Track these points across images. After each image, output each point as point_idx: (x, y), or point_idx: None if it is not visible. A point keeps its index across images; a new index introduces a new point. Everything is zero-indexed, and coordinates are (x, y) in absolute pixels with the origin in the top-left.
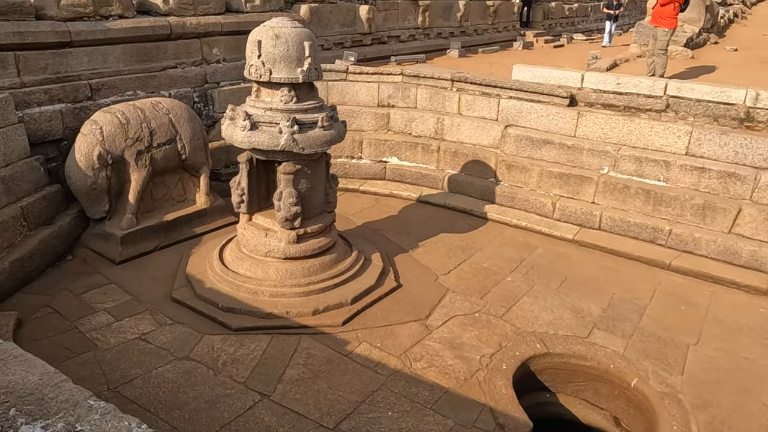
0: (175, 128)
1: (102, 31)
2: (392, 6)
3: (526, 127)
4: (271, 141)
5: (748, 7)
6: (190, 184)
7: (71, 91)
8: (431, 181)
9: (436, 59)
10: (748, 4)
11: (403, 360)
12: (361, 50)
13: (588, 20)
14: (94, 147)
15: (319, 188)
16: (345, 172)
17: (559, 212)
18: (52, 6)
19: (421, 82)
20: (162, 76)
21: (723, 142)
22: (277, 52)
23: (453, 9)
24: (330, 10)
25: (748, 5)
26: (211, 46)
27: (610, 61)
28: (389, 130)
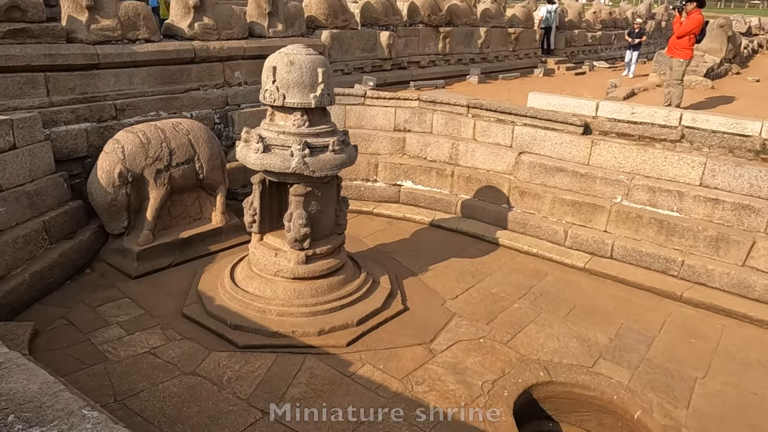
0: (194, 148)
1: (129, 54)
2: (413, 33)
3: (540, 154)
4: (283, 163)
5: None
6: (207, 202)
7: (97, 110)
8: (445, 206)
9: (455, 85)
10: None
11: (404, 383)
12: (381, 75)
13: (612, 48)
14: (115, 165)
15: (329, 210)
16: (360, 195)
17: (571, 240)
18: (82, 30)
19: (437, 108)
20: (184, 97)
21: (738, 173)
22: (291, 78)
23: (474, 36)
24: (351, 36)
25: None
26: (233, 69)
27: (627, 90)
28: (405, 154)
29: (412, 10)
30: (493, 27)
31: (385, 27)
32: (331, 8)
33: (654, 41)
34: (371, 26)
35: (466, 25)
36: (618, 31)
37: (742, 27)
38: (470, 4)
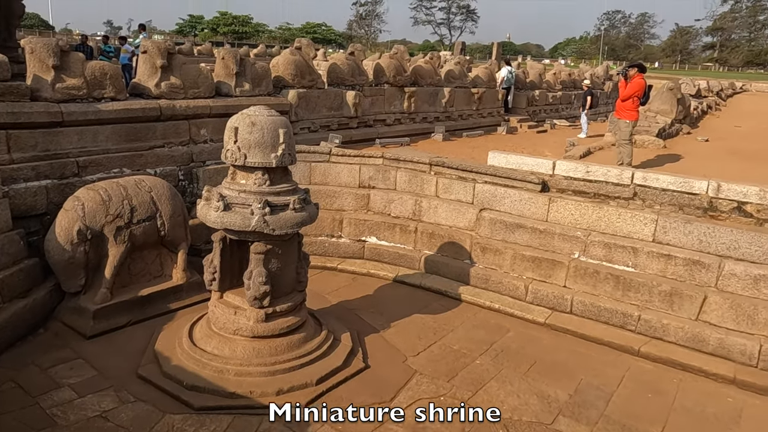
0: (156, 205)
1: (94, 112)
2: (379, 92)
3: (501, 211)
4: (243, 222)
5: (723, 99)
6: (168, 259)
7: (58, 168)
8: (408, 262)
9: (420, 142)
10: (723, 96)
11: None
12: (348, 133)
13: (571, 107)
14: (74, 222)
15: (290, 268)
16: (324, 251)
17: (532, 295)
18: (47, 88)
19: (401, 165)
20: (149, 154)
21: (687, 230)
22: (252, 138)
23: (438, 95)
24: (318, 95)
25: (723, 98)
26: (199, 127)
27: (584, 149)
28: (369, 211)
29: (378, 71)
30: (456, 87)
31: (352, 87)
32: (298, 69)
33: (612, 101)
34: (338, 86)
35: (430, 85)
36: (577, 91)
37: (691, 89)
38: (434, 66)
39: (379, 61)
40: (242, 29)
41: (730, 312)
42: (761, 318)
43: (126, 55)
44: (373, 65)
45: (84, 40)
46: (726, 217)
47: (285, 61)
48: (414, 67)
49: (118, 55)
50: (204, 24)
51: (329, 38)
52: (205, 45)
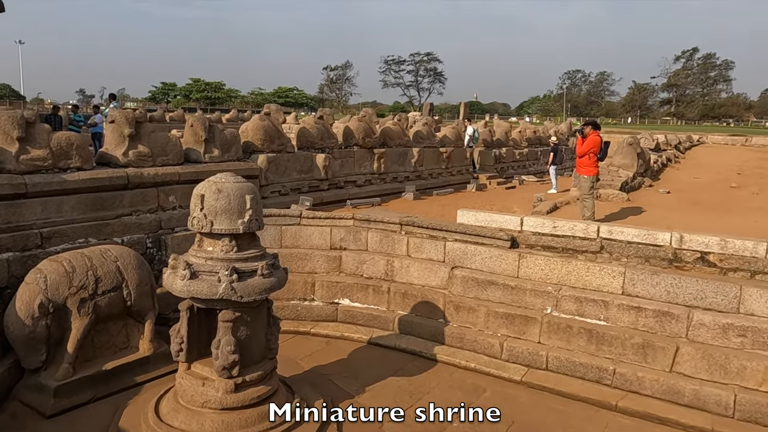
0: (122, 275)
1: (59, 182)
2: (348, 154)
3: (472, 268)
4: (210, 289)
5: (682, 152)
6: (134, 330)
7: (21, 239)
8: (382, 323)
9: (391, 202)
10: (681, 149)
11: None
12: (318, 195)
13: (539, 163)
14: (36, 296)
15: (259, 335)
16: (297, 315)
17: (507, 353)
18: (11, 160)
19: (372, 226)
20: (116, 223)
21: (655, 282)
22: (219, 205)
23: (407, 155)
24: (288, 159)
25: (682, 150)
26: (168, 194)
27: (551, 204)
28: (341, 272)
29: (347, 134)
30: (425, 147)
31: (322, 150)
32: (267, 134)
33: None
34: (308, 149)
35: (399, 146)
36: (543, 147)
37: (650, 143)
38: (403, 127)
39: (348, 124)
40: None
41: (702, 362)
42: (733, 367)
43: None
44: (342, 128)
45: (55, 110)
46: (691, 267)
47: (254, 127)
48: (383, 129)
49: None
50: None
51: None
52: (177, 111)
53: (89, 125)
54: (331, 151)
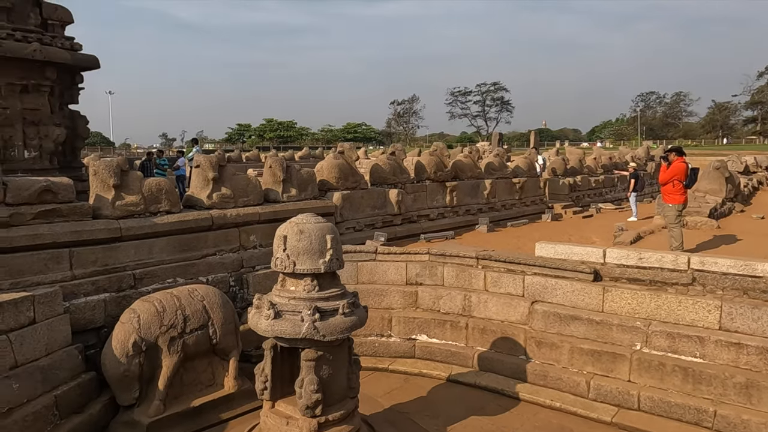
0: (208, 314)
1: (150, 226)
2: (420, 188)
3: (553, 302)
4: (293, 329)
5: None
6: (219, 367)
7: (116, 281)
8: (461, 359)
9: (465, 235)
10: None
11: None
12: (392, 230)
13: (616, 190)
14: (130, 335)
15: (341, 374)
16: (375, 351)
17: (594, 392)
18: (107, 206)
19: (447, 261)
20: (201, 263)
21: (756, 316)
22: (300, 246)
23: (480, 187)
24: (361, 196)
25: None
26: (248, 233)
27: (634, 234)
28: (418, 308)
29: (419, 169)
30: (497, 178)
31: (394, 185)
32: (342, 172)
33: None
34: (380, 185)
35: (471, 178)
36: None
37: (738, 166)
38: (474, 159)
39: (420, 159)
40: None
41: None
42: None
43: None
44: (413, 163)
45: (150, 156)
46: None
47: (329, 165)
48: (454, 162)
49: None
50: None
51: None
52: (252, 151)
53: (174, 168)
54: (403, 186)
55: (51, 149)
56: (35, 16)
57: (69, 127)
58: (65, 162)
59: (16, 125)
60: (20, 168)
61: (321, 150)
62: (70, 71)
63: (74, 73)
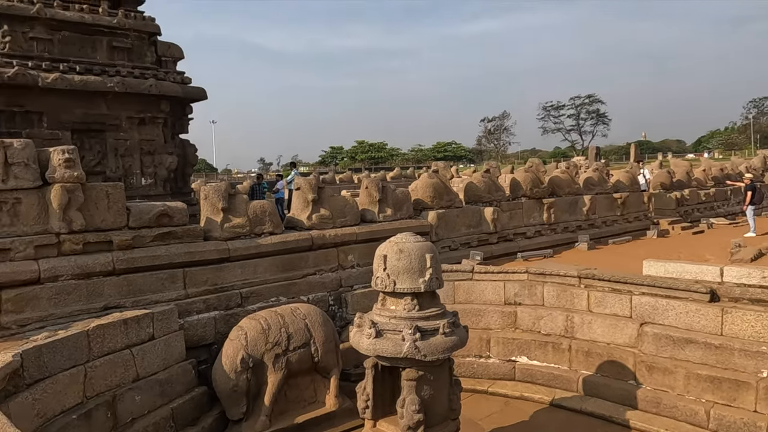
0: (310, 332)
1: (255, 246)
2: (516, 206)
3: (665, 324)
4: (395, 348)
5: None
6: (321, 385)
7: (225, 299)
8: (564, 383)
9: (564, 253)
10: None
11: None
12: (488, 248)
13: (729, 203)
14: (238, 351)
15: (442, 395)
16: (473, 372)
17: (715, 422)
18: (217, 228)
19: (548, 280)
20: (302, 282)
21: None
22: (400, 265)
23: (578, 204)
24: (456, 215)
25: None
26: (346, 253)
27: (754, 251)
28: (517, 328)
29: (515, 186)
30: (597, 194)
31: (489, 203)
32: (436, 191)
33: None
34: (475, 203)
35: (569, 194)
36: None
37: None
38: (571, 175)
39: (515, 176)
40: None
41: None
42: None
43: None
44: (509, 180)
45: (259, 178)
46: None
47: (423, 185)
48: (551, 178)
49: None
50: (343, 153)
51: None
52: (346, 173)
53: (273, 191)
54: (498, 204)
55: (164, 176)
56: (151, 54)
57: (180, 155)
58: (176, 188)
59: (135, 155)
60: (138, 194)
61: (412, 170)
62: (181, 103)
63: (184, 104)
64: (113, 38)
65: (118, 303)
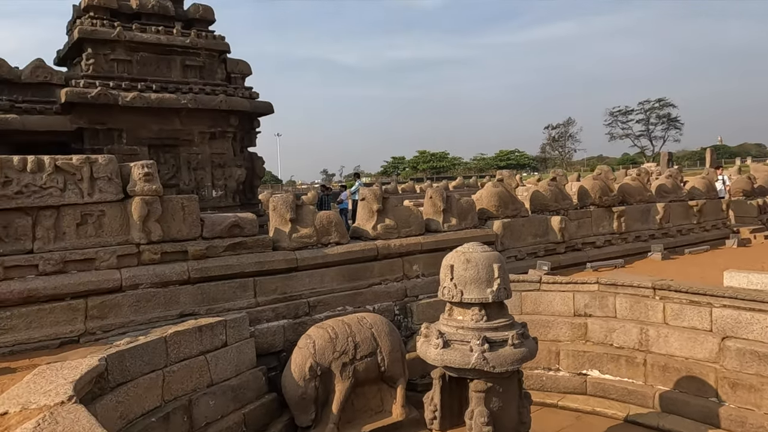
0: (376, 342)
1: (321, 256)
2: (585, 215)
3: (749, 339)
4: (462, 359)
5: None
6: (387, 395)
7: (293, 308)
8: (639, 398)
9: (636, 263)
10: None
11: None
12: (555, 258)
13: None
14: (307, 359)
15: (511, 407)
16: (542, 385)
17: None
18: (285, 239)
19: (619, 291)
20: (367, 292)
21: None
22: (467, 275)
23: (651, 212)
24: (522, 224)
25: None
26: (411, 263)
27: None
28: (587, 341)
29: (583, 194)
30: (671, 201)
31: (556, 212)
32: (501, 200)
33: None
34: (541, 212)
35: (640, 202)
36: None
37: None
38: (643, 182)
39: (583, 184)
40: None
41: None
42: None
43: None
44: (576, 188)
45: (325, 189)
46: None
47: (488, 194)
48: (621, 185)
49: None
50: (405, 163)
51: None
52: (408, 183)
53: (338, 203)
54: (566, 213)
55: (234, 188)
56: (221, 71)
57: (248, 168)
58: (245, 199)
59: (206, 168)
60: (209, 206)
61: (475, 179)
62: (249, 117)
63: (252, 118)
64: (186, 57)
65: (192, 310)
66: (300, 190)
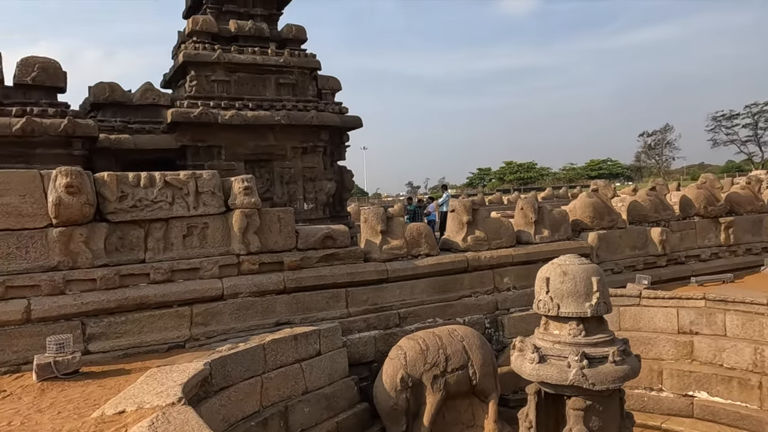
0: (467, 354)
1: (412, 268)
2: (688, 226)
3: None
4: (560, 375)
5: None
6: (479, 409)
7: (384, 319)
8: (753, 424)
9: (746, 278)
10: None
11: None
12: (655, 272)
13: None
14: (398, 370)
15: (611, 427)
16: (643, 406)
17: None
18: (376, 250)
19: (730, 307)
20: (458, 304)
21: None
22: (564, 288)
23: (763, 223)
24: (619, 235)
25: None
26: (502, 275)
27: None
28: (693, 360)
29: (685, 204)
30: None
31: (656, 223)
32: (597, 211)
33: None
34: (640, 223)
35: (751, 212)
36: None
37: None
38: (754, 191)
39: (685, 193)
40: (527, 175)
41: None
42: None
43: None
44: (678, 198)
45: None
46: None
47: (582, 205)
48: (728, 195)
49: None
50: (491, 174)
51: (615, 172)
52: (495, 194)
53: (425, 214)
54: (667, 224)
55: (324, 201)
56: (312, 88)
57: (338, 181)
58: (335, 211)
59: (298, 182)
60: (300, 218)
61: (565, 189)
62: (338, 132)
63: (342, 133)
64: (280, 75)
65: (288, 319)
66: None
